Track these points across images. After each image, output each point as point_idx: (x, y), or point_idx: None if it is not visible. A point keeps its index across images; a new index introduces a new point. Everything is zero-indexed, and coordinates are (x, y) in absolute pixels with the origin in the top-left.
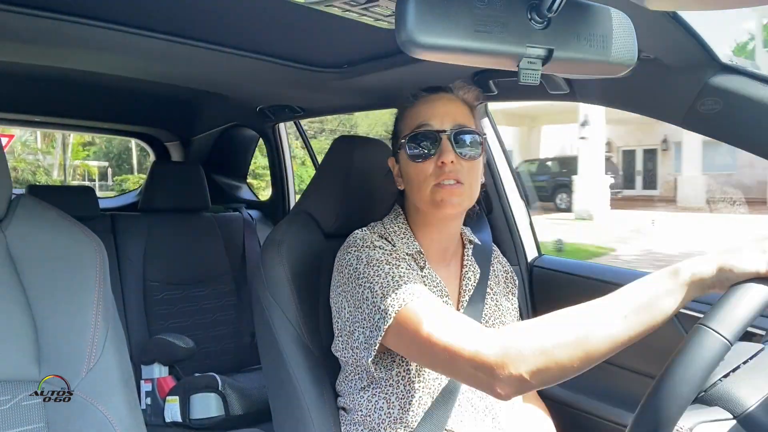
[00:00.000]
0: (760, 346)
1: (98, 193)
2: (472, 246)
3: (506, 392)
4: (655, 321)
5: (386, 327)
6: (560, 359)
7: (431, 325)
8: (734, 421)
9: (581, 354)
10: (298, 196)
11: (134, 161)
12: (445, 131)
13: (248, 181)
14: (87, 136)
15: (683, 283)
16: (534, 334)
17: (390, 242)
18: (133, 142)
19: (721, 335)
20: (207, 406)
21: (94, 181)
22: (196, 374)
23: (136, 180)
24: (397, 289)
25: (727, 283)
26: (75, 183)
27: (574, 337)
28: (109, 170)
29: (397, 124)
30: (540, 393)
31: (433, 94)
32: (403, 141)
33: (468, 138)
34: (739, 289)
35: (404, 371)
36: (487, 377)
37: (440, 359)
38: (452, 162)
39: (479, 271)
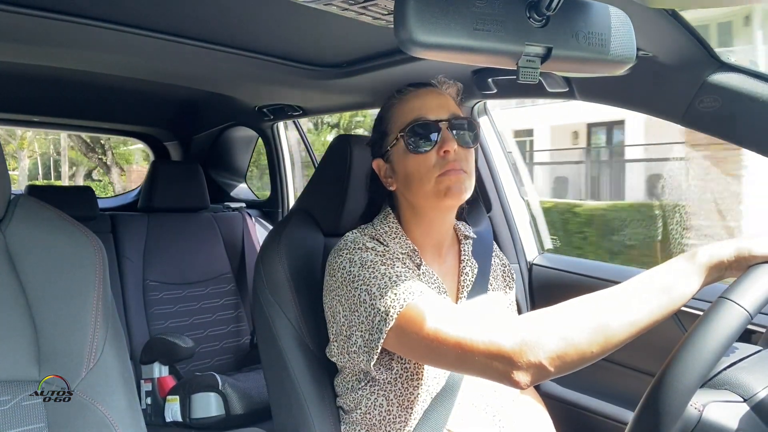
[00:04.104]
0: (758, 347)
1: None
2: (469, 241)
3: (524, 380)
4: (675, 305)
5: (388, 329)
6: (580, 345)
7: (438, 321)
8: (744, 404)
9: (601, 339)
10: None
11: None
12: (443, 120)
13: None
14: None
15: (701, 266)
16: (552, 320)
17: (382, 243)
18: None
19: (742, 307)
20: (207, 405)
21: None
22: (197, 374)
23: (40, 183)
24: (395, 289)
25: (745, 264)
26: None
27: (594, 322)
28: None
29: (382, 124)
30: (540, 391)
31: (421, 89)
32: (400, 135)
33: (465, 126)
34: (758, 268)
35: (402, 370)
36: (504, 366)
37: (451, 355)
38: (455, 150)
39: (477, 266)
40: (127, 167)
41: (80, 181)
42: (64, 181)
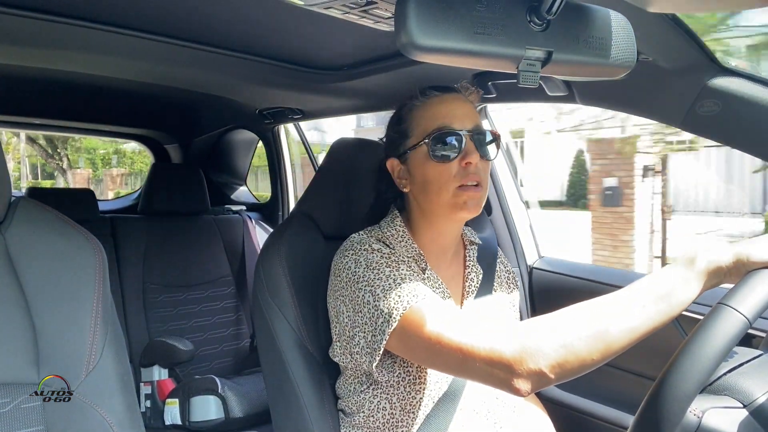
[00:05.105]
0: (759, 351)
1: None
2: (474, 247)
3: (525, 388)
4: (674, 311)
5: (391, 330)
6: (580, 352)
7: (440, 325)
8: (744, 410)
9: (601, 346)
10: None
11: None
12: (469, 131)
13: None
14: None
15: (700, 271)
16: (552, 327)
17: (388, 246)
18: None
19: (741, 313)
20: (206, 408)
21: None
22: (196, 377)
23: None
24: (399, 291)
25: (743, 269)
26: None
27: (594, 330)
28: None
29: (402, 124)
30: (539, 395)
31: (446, 94)
32: (425, 141)
33: (487, 139)
34: (757, 274)
35: (405, 373)
36: (504, 374)
37: (452, 360)
38: (476, 163)
39: (482, 271)
40: (72, 171)
41: (62, 183)
42: (23, 183)
